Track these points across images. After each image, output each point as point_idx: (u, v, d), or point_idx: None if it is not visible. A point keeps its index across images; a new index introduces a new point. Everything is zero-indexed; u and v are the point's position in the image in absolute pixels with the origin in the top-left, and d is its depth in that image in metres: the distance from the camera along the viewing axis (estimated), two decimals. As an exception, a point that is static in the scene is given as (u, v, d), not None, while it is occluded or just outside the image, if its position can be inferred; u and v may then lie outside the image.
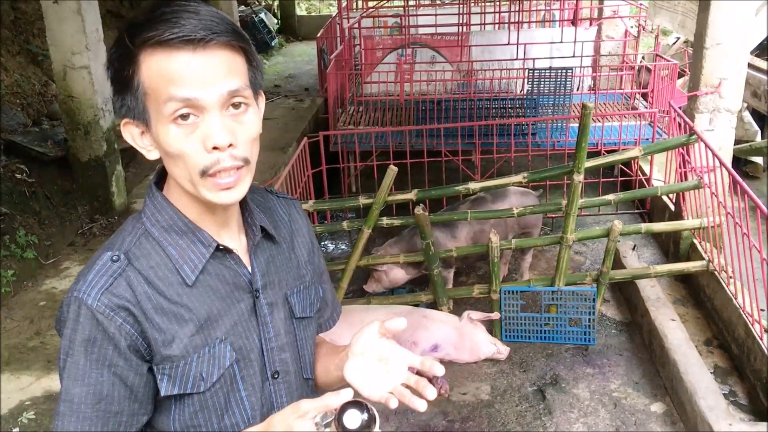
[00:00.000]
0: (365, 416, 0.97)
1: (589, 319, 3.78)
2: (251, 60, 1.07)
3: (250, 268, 1.17)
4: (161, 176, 1.16)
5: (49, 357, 3.74)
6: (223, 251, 1.13)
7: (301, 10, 15.25)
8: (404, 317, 3.36)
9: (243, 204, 1.18)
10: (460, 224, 4.12)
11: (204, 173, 1.03)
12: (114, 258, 1.07)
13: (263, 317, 1.17)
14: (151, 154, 1.09)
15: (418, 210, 3.67)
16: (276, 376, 1.19)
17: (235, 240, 1.17)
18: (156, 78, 1.00)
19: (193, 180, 1.04)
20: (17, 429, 3.23)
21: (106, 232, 5.30)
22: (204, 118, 1.01)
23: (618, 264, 4.13)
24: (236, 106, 1.04)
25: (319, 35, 8.40)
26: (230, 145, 1.02)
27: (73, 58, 5.11)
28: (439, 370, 1.07)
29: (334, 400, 1.00)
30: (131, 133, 1.09)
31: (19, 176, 5.10)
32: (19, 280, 4.48)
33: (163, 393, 1.09)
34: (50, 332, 3.99)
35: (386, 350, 1.11)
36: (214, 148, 1.01)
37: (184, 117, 1.01)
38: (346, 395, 1.00)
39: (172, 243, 1.10)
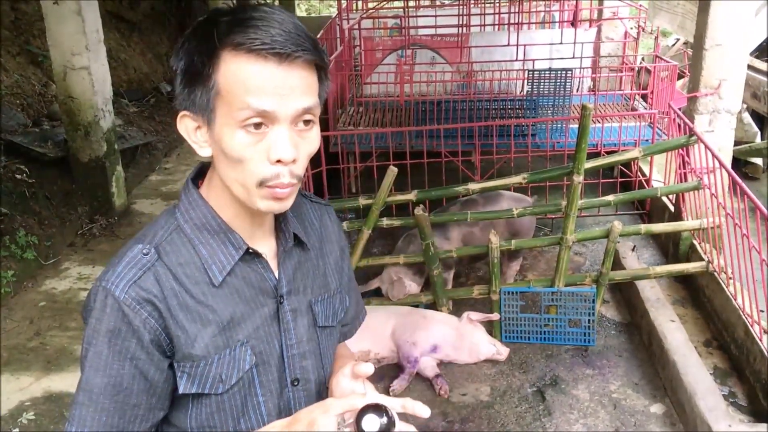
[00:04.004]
0: (384, 420, 0.98)
1: (589, 320, 3.78)
2: (323, 77, 1.08)
3: (276, 274, 1.16)
4: (199, 173, 1.16)
5: (49, 358, 3.74)
6: (252, 254, 1.13)
7: (300, 11, 15.28)
8: (404, 317, 3.38)
9: None
10: (451, 226, 4.12)
11: (261, 184, 1.03)
12: (144, 251, 1.07)
13: (286, 323, 1.17)
14: (203, 151, 1.08)
15: (419, 211, 3.67)
16: (296, 384, 1.19)
17: (266, 243, 1.17)
18: (235, 82, 1.00)
19: (248, 187, 1.04)
20: (17, 429, 3.23)
21: (106, 233, 5.31)
22: (273, 129, 1.02)
23: (618, 265, 4.13)
24: (305, 122, 1.05)
25: (318, 36, 8.38)
26: (293, 160, 1.03)
27: (73, 58, 5.12)
28: (424, 411, 1.05)
29: (358, 401, 1.00)
30: (186, 127, 1.08)
31: (19, 177, 5.11)
32: (19, 280, 4.49)
33: (181, 391, 1.09)
34: (50, 333, 3.99)
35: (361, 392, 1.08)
36: (278, 161, 1.02)
37: (257, 126, 1.01)
38: (372, 397, 1.01)
39: (203, 242, 1.10)
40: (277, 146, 1.01)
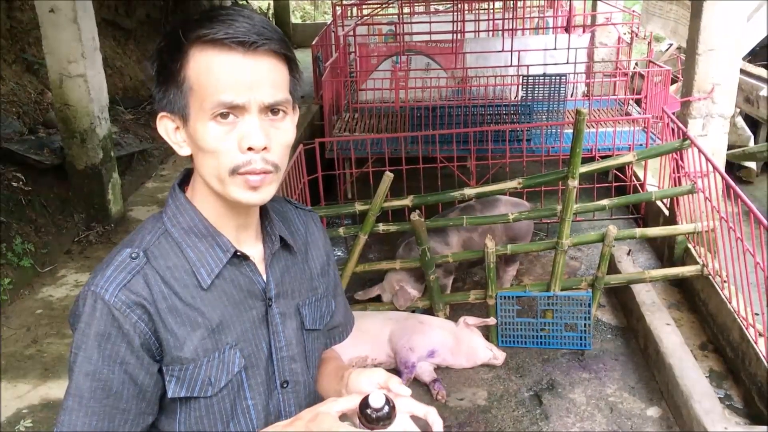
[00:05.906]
0: (388, 401, 1.01)
1: (585, 324, 3.79)
2: (294, 71, 1.10)
3: (265, 277, 1.17)
4: (185, 178, 1.17)
5: (46, 365, 3.74)
6: (240, 257, 1.14)
7: (295, 18, 15.32)
8: (401, 322, 3.39)
9: (263, 212, 1.19)
10: (450, 231, 4.13)
11: (234, 172, 1.05)
12: (133, 255, 1.08)
13: (275, 326, 1.18)
14: (183, 150, 1.10)
15: (415, 216, 3.68)
16: (285, 386, 1.20)
17: (253, 247, 1.18)
18: (203, 75, 1.03)
19: (222, 177, 1.06)
20: (14, 437, 3.23)
21: (102, 240, 5.30)
22: (243, 118, 1.04)
23: (613, 269, 4.15)
24: (275, 112, 1.06)
25: (314, 43, 8.43)
26: (264, 148, 1.04)
27: (69, 66, 5.12)
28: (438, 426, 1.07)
29: (359, 399, 1.02)
30: (166, 128, 1.10)
31: (15, 184, 5.10)
32: (16, 288, 4.48)
33: (170, 395, 1.09)
34: (47, 340, 3.99)
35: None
36: (249, 149, 1.03)
37: (224, 116, 1.03)
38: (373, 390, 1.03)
39: (191, 245, 1.11)
40: (248, 134, 1.03)
